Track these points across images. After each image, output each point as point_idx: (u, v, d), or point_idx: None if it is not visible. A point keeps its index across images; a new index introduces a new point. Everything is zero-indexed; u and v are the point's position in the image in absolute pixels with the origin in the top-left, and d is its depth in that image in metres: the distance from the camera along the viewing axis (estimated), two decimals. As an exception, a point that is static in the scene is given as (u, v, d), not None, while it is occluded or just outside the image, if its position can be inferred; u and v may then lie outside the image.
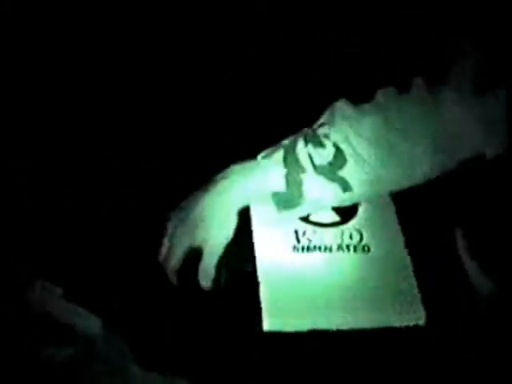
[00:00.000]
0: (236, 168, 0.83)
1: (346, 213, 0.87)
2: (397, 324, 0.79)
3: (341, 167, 0.81)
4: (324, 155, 0.81)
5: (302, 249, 0.84)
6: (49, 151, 0.91)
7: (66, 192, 0.87)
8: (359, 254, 0.84)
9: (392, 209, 0.88)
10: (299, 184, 0.81)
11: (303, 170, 0.81)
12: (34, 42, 0.94)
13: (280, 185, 0.82)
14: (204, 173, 0.85)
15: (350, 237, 0.85)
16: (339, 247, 0.84)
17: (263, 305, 0.78)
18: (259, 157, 0.84)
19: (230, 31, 0.98)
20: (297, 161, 0.81)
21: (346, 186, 0.82)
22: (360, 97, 0.84)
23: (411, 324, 0.79)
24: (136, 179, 0.89)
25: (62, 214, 0.85)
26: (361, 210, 0.88)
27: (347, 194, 0.83)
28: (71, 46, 0.96)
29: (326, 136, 0.82)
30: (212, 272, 0.80)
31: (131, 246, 0.83)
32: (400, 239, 0.85)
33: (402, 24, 0.92)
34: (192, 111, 0.96)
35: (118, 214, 0.86)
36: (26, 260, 0.80)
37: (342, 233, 0.85)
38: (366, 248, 0.84)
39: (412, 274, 0.82)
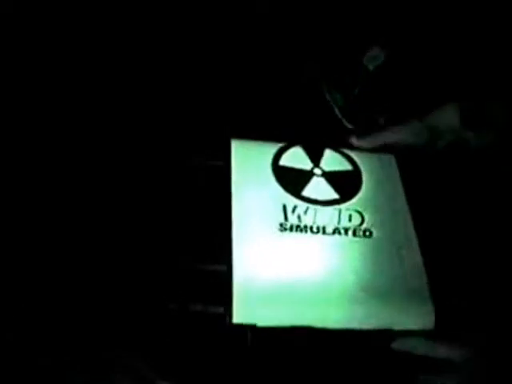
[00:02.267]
0: None
1: (345, 190, 0.73)
2: (400, 327, 0.64)
3: None
4: None
5: (291, 228, 0.69)
6: (49, 151, 0.79)
7: (66, 193, 0.76)
8: (359, 239, 0.69)
9: (400, 188, 0.74)
10: None
11: None
12: (34, 41, 0.85)
13: None
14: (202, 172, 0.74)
15: (350, 219, 0.70)
16: (335, 230, 0.69)
17: (235, 293, 0.63)
18: None
19: (229, 31, 0.86)
20: None
21: None
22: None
23: (417, 328, 0.64)
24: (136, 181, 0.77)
25: (62, 216, 0.73)
26: (364, 187, 0.73)
27: None
28: (71, 46, 0.86)
29: None
30: None
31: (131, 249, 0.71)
32: (409, 225, 0.70)
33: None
34: (192, 111, 0.84)
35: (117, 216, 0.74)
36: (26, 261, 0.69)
37: (340, 213, 0.71)
38: (367, 233, 0.69)
39: (422, 268, 0.67)
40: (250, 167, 0.73)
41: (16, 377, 0.63)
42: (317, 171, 0.74)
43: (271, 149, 0.75)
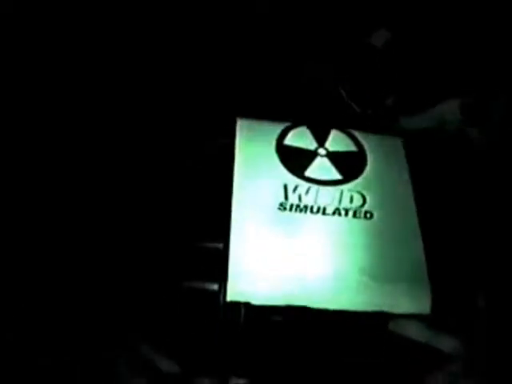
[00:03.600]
0: None
1: (349, 171, 0.72)
2: (396, 310, 0.64)
3: None
4: None
5: (290, 208, 0.68)
6: (48, 151, 0.79)
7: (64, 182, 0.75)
8: (359, 221, 0.68)
9: (406, 172, 0.73)
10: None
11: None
12: (34, 41, 0.84)
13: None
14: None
15: (351, 200, 0.70)
16: (336, 211, 0.69)
17: (230, 271, 0.63)
18: None
19: (229, 31, 0.85)
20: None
21: None
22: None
23: (413, 312, 0.64)
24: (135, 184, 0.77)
25: (61, 213, 0.73)
26: (368, 169, 0.73)
27: None
28: (71, 45, 0.85)
29: None
30: None
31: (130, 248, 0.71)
32: (411, 209, 0.70)
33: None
34: (198, 89, 0.83)
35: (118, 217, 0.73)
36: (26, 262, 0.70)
37: (342, 194, 0.70)
38: (368, 214, 0.69)
39: (422, 252, 0.66)
40: (254, 146, 0.73)
41: (16, 377, 0.64)
42: (321, 151, 0.74)
43: (277, 128, 0.75)
